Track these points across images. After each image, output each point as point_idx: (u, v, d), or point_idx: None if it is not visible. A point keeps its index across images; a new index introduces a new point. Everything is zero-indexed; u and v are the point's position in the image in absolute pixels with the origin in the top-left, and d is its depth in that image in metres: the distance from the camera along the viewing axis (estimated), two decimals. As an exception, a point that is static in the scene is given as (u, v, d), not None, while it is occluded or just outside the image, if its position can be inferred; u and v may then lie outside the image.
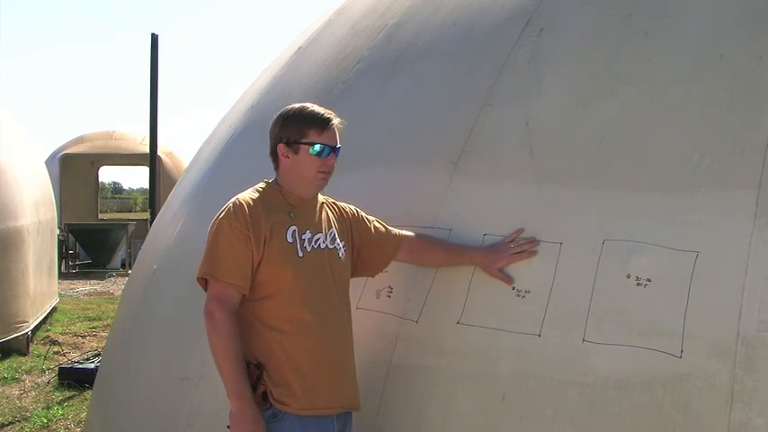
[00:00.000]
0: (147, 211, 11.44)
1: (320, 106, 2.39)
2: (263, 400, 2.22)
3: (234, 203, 2.31)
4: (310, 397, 2.25)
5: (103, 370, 4.03)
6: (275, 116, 2.40)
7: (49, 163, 13.69)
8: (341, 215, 2.49)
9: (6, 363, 7.23)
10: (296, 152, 2.33)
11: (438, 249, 2.53)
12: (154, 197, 8.27)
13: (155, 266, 3.70)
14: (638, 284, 2.22)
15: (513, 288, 2.38)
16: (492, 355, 2.36)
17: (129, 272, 8.61)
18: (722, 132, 2.28)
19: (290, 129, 2.34)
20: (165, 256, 3.68)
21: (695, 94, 2.37)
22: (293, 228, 2.31)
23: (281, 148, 2.35)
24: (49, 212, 9.45)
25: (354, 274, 2.51)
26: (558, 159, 2.48)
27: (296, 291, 2.27)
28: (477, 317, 2.41)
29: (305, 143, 2.32)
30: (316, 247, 2.34)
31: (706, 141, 2.28)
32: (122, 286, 9.93)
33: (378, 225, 2.55)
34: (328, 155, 2.34)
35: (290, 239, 2.29)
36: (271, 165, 2.41)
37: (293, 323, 2.26)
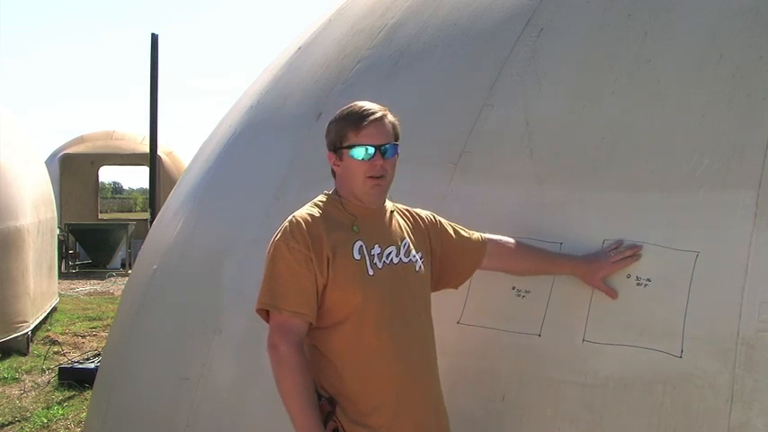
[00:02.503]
0: (147, 211, 11.43)
1: (369, 101, 2.15)
2: None
3: (290, 222, 2.07)
4: (388, 430, 2.04)
5: (103, 370, 4.03)
6: None
7: (49, 163, 13.69)
8: (416, 223, 2.24)
9: (6, 363, 7.23)
10: (341, 158, 2.10)
11: (530, 256, 2.33)
12: (154, 197, 8.27)
13: (155, 266, 3.70)
14: (638, 284, 2.22)
15: (513, 288, 2.38)
16: (492, 355, 2.36)
17: (129, 272, 8.62)
18: (722, 132, 2.28)
19: (333, 133, 2.12)
20: (165, 256, 3.68)
21: (695, 94, 2.37)
22: (359, 243, 2.06)
23: (330, 156, 2.13)
24: (49, 212, 9.45)
25: (437, 286, 2.28)
26: (558, 159, 2.48)
27: (368, 315, 2.03)
28: (477, 317, 2.41)
29: (346, 147, 2.09)
30: (388, 262, 2.09)
31: (706, 141, 2.28)
32: (122, 286, 9.93)
33: (459, 230, 2.31)
34: (372, 156, 2.07)
35: (357, 257, 2.05)
36: (269, 166, 2.38)
37: (368, 351, 2.03)
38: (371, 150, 2.07)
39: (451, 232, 2.30)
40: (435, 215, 2.32)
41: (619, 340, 2.19)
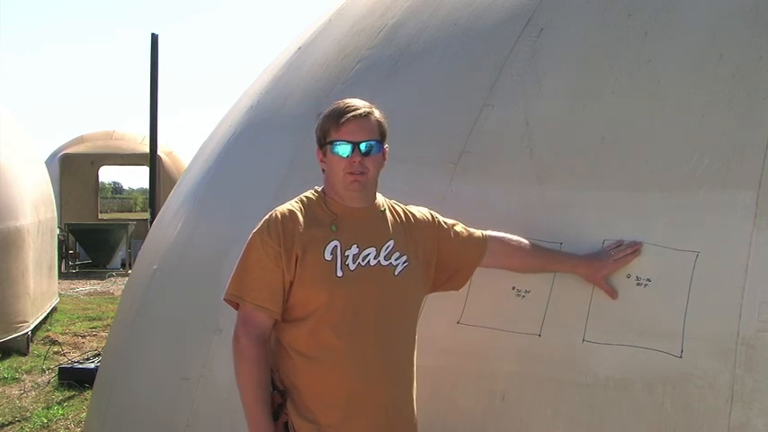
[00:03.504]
0: (147, 211, 11.43)
1: (357, 99, 2.15)
2: (284, 430, 2.03)
3: (269, 216, 2.09)
4: (336, 430, 2.03)
5: (103, 370, 4.03)
6: None
7: (49, 163, 13.69)
8: (408, 222, 2.20)
9: (6, 363, 7.23)
10: (325, 154, 2.12)
11: (532, 254, 2.31)
12: (154, 197, 8.26)
13: (155, 266, 3.70)
14: (638, 284, 2.22)
15: (513, 288, 2.38)
16: (492, 355, 2.36)
17: (129, 272, 8.62)
18: (722, 132, 2.28)
19: (318, 129, 2.13)
20: (165, 256, 3.68)
21: (695, 94, 2.37)
22: (334, 243, 2.05)
23: (318, 153, 2.14)
24: (49, 212, 9.45)
25: (437, 287, 2.27)
26: (558, 159, 2.48)
27: (330, 315, 2.02)
28: (477, 317, 2.41)
29: (328, 143, 2.09)
30: (363, 264, 2.06)
31: (706, 141, 2.28)
32: (122, 286, 9.93)
33: (458, 229, 2.28)
34: (351, 152, 2.06)
35: (328, 257, 2.03)
36: (269, 166, 2.37)
37: (324, 351, 2.02)
38: (350, 147, 2.06)
39: (450, 231, 2.27)
40: (433, 213, 2.29)
41: (619, 340, 2.19)
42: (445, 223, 2.28)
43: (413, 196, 2.37)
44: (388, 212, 2.18)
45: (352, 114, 2.07)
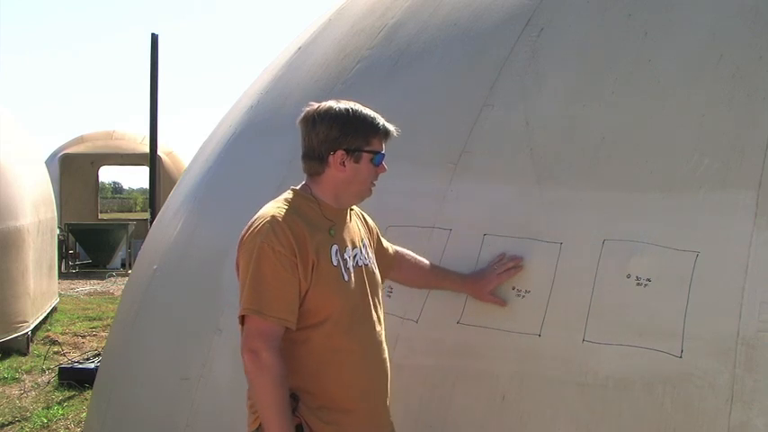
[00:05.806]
0: (147, 211, 11.44)
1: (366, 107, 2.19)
2: None
3: (272, 222, 2.02)
4: (354, 429, 2.10)
5: (103, 370, 4.03)
6: (321, 116, 2.10)
7: (49, 163, 13.68)
8: (366, 224, 2.33)
9: (6, 363, 7.23)
10: (357, 161, 2.10)
11: (425, 271, 2.44)
12: (154, 197, 8.26)
13: (155, 266, 3.70)
14: (638, 284, 2.22)
15: (513, 288, 2.38)
16: (492, 355, 2.36)
17: (129, 272, 8.62)
18: (722, 132, 2.28)
19: (355, 135, 2.10)
20: (165, 256, 3.68)
21: (695, 94, 2.37)
22: (335, 247, 2.08)
23: (341, 155, 2.09)
24: (49, 212, 9.45)
25: None
26: (558, 159, 2.48)
27: (343, 318, 2.06)
28: (477, 317, 2.41)
29: (368, 151, 2.11)
30: (356, 265, 2.14)
31: (706, 141, 2.28)
32: (122, 286, 9.92)
33: (383, 241, 2.42)
34: (381, 164, 2.16)
35: (334, 261, 2.06)
36: (269, 166, 2.37)
37: (338, 353, 2.07)
38: (382, 159, 2.17)
39: (382, 242, 2.39)
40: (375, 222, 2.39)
41: (619, 340, 2.18)
42: (380, 234, 2.40)
43: (413, 196, 2.37)
44: (353, 214, 2.28)
45: (394, 131, 2.17)
